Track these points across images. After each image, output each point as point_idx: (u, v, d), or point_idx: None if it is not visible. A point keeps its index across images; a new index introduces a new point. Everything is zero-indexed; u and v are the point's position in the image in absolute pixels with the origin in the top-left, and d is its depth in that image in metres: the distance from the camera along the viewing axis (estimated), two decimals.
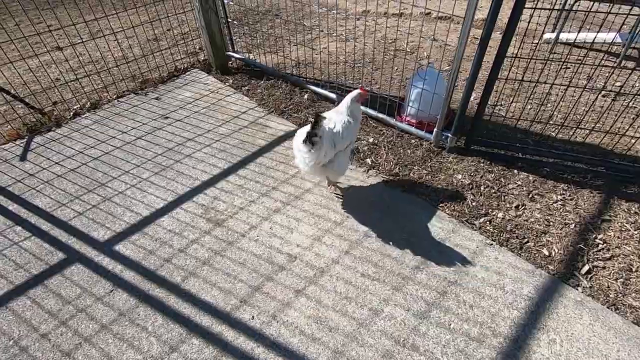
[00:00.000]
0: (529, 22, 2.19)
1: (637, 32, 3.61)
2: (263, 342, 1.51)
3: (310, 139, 1.71)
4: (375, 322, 1.56)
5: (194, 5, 3.13)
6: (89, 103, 3.01)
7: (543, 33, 3.83)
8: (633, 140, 2.38)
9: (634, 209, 2.04)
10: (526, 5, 1.82)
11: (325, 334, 1.53)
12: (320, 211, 2.07)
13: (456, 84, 3.14)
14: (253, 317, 1.60)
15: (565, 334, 1.51)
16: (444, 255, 1.82)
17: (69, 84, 3.07)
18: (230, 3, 3.39)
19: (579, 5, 3.69)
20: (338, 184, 2.22)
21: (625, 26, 3.97)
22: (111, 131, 2.73)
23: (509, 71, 2.61)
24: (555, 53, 3.79)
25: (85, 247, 1.92)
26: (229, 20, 3.34)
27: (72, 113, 2.92)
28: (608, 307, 1.61)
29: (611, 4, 3.42)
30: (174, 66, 3.47)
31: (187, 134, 2.67)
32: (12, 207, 2.15)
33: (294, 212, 2.07)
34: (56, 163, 2.45)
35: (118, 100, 3.08)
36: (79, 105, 2.99)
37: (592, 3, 3.16)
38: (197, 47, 3.83)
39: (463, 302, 1.63)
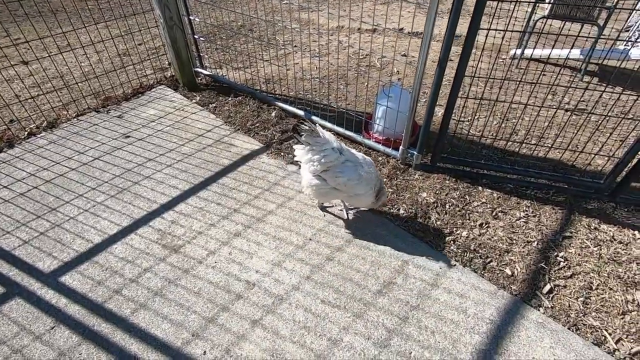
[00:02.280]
0: (502, 39, 2.22)
1: (595, 48, 3.76)
2: None
3: (297, 130, 1.77)
4: (333, 354, 1.49)
5: (158, 21, 3.07)
6: (45, 122, 2.88)
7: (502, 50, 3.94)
8: (593, 155, 2.43)
9: (593, 224, 2.06)
10: (482, 27, 1.84)
11: None
12: (282, 234, 2.00)
13: (421, 101, 3.17)
14: (205, 352, 1.50)
15: (524, 356, 1.48)
16: (407, 278, 1.78)
17: (28, 100, 2.94)
18: (196, 20, 3.34)
19: (544, 24, 3.83)
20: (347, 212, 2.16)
21: (586, 42, 4.13)
22: (67, 151, 2.60)
23: (468, 89, 2.64)
24: (520, 68, 3.91)
25: (28, 279, 1.78)
26: (196, 36, 3.28)
27: (26, 133, 2.78)
28: (569, 328, 1.59)
29: (571, 22, 3.58)
30: (139, 83, 3.38)
31: (148, 154, 2.58)
32: None
33: (255, 236, 1.99)
34: (4, 187, 2.31)
35: (78, 119, 2.95)
36: (34, 125, 2.86)
37: (553, 22, 3.26)
38: (167, 62, 3.75)
39: (425, 328, 1.58)
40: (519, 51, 4.04)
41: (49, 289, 1.74)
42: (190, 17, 3.17)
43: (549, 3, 3.77)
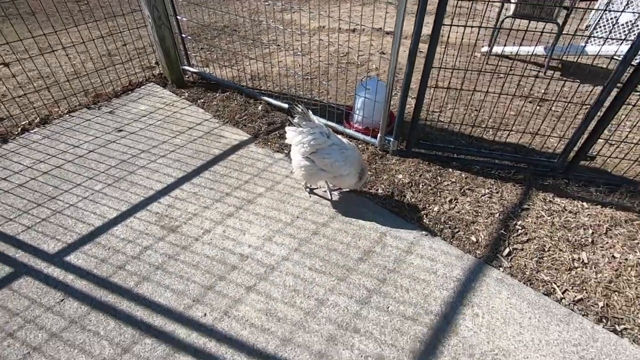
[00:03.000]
0: (478, 38, 2.47)
1: (556, 45, 4.10)
2: (215, 337, 1.59)
3: (291, 112, 1.97)
4: (320, 310, 1.69)
5: (147, 21, 3.20)
6: (38, 118, 2.98)
7: (476, 46, 4.23)
8: (551, 139, 2.71)
9: (548, 198, 2.33)
10: (445, 23, 2.08)
11: (274, 324, 1.64)
12: (271, 213, 2.19)
13: (395, 93, 3.40)
14: (205, 314, 1.68)
15: (486, 308, 1.71)
16: (385, 247, 1.99)
17: (16, 99, 3.03)
18: (183, 19, 3.48)
19: (512, 23, 4.13)
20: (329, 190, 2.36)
21: (548, 40, 4.46)
22: (62, 145, 2.71)
23: (436, 80, 2.89)
24: (491, 64, 4.20)
25: (35, 259, 1.91)
26: (184, 35, 3.43)
27: (19, 129, 2.87)
28: (524, 283, 1.84)
29: (537, 21, 3.89)
30: (128, 80, 3.50)
31: (142, 146, 2.72)
32: None
33: (247, 215, 2.17)
34: (2, 179, 2.41)
35: (70, 115, 3.06)
36: (27, 121, 2.95)
37: (520, 21, 3.56)
38: (154, 61, 3.87)
39: (400, 287, 1.80)
40: (491, 48, 4.35)
41: (56, 267, 1.88)
42: (178, 17, 3.32)
43: (513, 3, 4.08)
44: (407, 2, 2.04)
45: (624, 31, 4.57)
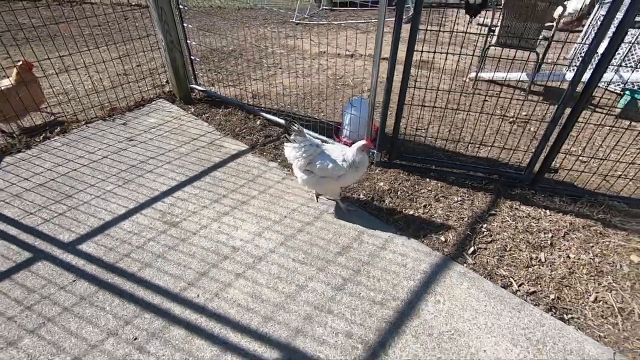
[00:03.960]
0: (467, 64, 2.78)
1: (538, 72, 4.43)
2: (205, 314, 1.81)
3: (288, 130, 2.22)
4: (300, 295, 1.91)
5: (160, 44, 3.58)
6: (58, 128, 3.31)
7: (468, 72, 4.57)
8: (520, 153, 2.96)
9: (515, 205, 2.56)
10: (417, 49, 2.39)
11: (258, 305, 1.86)
12: (262, 213, 2.44)
13: (379, 110, 3.70)
14: (198, 295, 1.90)
15: (448, 296, 1.92)
16: (362, 243, 2.22)
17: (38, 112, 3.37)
18: (193, 43, 3.87)
19: (495, 51, 4.48)
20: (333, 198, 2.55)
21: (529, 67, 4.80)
22: (79, 152, 3.02)
23: (411, 99, 3.19)
24: (476, 88, 4.52)
25: (51, 247, 2.17)
26: (192, 57, 3.81)
27: (42, 137, 3.20)
28: (484, 277, 2.05)
29: (516, 50, 4.24)
30: (140, 96, 3.86)
31: (150, 154, 3.01)
32: None
33: (240, 215, 2.42)
34: (25, 179, 2.70)
35: (87, 126, 3.39)
36: (48, 130, 3.28)
37: (502, 49, 3.92)
38: (164, 80, 4.24)
39: (372, 277, 2.01)
40: (479, 74, 4.68)
41: (69, 254, 2.13)
42: (188, 41, 3.70)
43: (494, 33, 4.45)
44: (382, 36, 2.36)
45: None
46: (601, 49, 2.21)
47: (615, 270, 2.12)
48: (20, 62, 3.08)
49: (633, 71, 4.42)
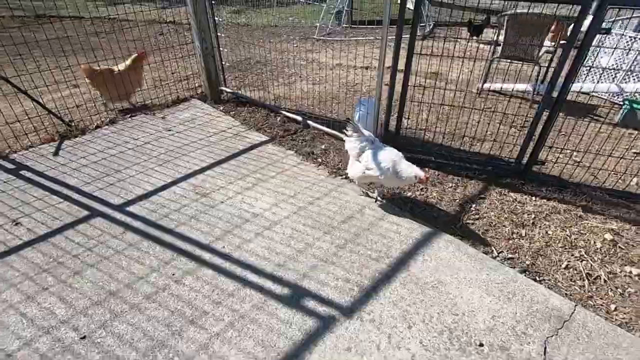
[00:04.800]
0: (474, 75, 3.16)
1: (540, 83, 4.73)
2: (229, 260, 2.20)
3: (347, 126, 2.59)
4: (308, 250, 2.27)
5: (196, 51, 4.12)
6: (108, 119, 3.85)
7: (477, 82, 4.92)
8: (513, 148, 3.26)
9: (504, 192, 2.86)
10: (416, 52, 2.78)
11: (272, 256, 2.23)
12: (279, 189, 2.83)
13: (388, 110, 4.08)
14: (224, 246, 2.29)
15: (434, 257, 2.23)
16: (363, 215, 2.58)
17: (89, 108, 3.93)
18: (224, 51, 4.40)
19: (498, 62, 4.82)
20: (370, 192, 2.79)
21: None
22: (125, 138, 3.53)
23: (411, 99, 3.56)
24: (482, 97, 4.84)
25: (105, 208, 2.62)
26: (223, 63, 4.33)
27: (94, 125, 3.74)
28: (469, 245, 2.35)
29: (520, 62, 4.56)
30: (177, 96, 4.39)
31: (184, 141, 3.49)
32: (48, 184, 2.86)
33: (260, 190, 2.83)
34: (82, 157, 3.21)
35: (131, 118, 3.92)
36: (100, 120, 3.82)
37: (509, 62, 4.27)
38: (197, 84, 4.78)
39: (370, 240, 2.36)
40: (486, 85, 5.01)
41: (119, 213, 2.57)
42: (220, 49, 4.23)
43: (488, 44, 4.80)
44: (385, 50, 2.77)
45: (605, 72, 5.16)
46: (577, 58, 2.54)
47: (589, 245, 2.38)
48: (137, 52, 4.01)
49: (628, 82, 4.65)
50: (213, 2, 3.94)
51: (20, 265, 2.15)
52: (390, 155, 2.45)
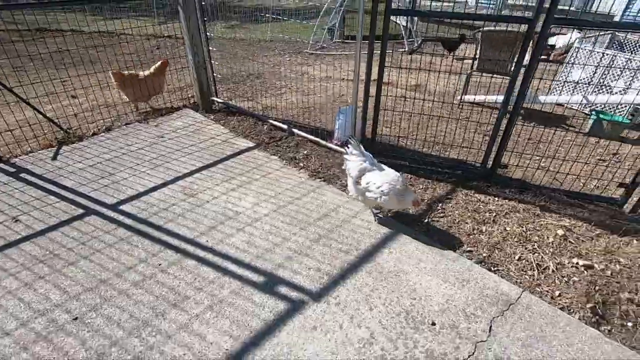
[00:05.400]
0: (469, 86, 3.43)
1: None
2: (212, 252, 2.40)
3: (347, 145, 2.70)
4: (284, 243, 2.48)
5: (189, 64, 4.39)
6: (104, 127, 4.08)
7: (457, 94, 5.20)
8: (480, 152, 3.51)
9: (469, 193, 3.09)
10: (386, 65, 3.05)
11: (251, 249, 2.43)
12: (262, 190, 3.06)
13: (363, 118, 4.33)
14: (207, 241, 2.50)
15: (399, 249, 2.45)
16: (338, 213, 2.80)
17: (86, 116, 4.16)
18: (215, 63, 4.67)
19: (478, 76, 5.12)
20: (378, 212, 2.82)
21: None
22: (120, 144, 3.75)
23: (384, 109, 3.82)
24: (461, 107, 5.13)
25: (99, 207, 2.82)
26: (214, 75, 4.60)
27: (91, 132, 3.96)
28: (434, 239, 2.57)
29: (494, 75, 4.86)
30: (171, 106, 4.64)
31: (176, 147, 3.72)
32: (47, 185, 3.06)
33: (244, 191, 3.05)
34: (79, 162, 3.42)
35: (126, 126, 4.15)
36: (97, 128, 4.05)
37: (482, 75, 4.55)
38: (190, 95, 5.04)
39: (342, 235, 2.57)
40: (464, 97, 5.30)
41: (112, 211, 2.78)
42: (212, 62, 4.51)
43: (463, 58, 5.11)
44: (359, 63, 3.04)
45: (575, 85, 5.47)
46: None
47: (542, 240, 2.61)
48: (162, 61, 4.48)
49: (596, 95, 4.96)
50: (205, 19, 4.22)
51: (19, 257, 2.35)
52: (389, 178, 2.51)
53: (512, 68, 5.11)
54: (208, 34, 4.35)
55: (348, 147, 2.70)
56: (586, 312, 2.09)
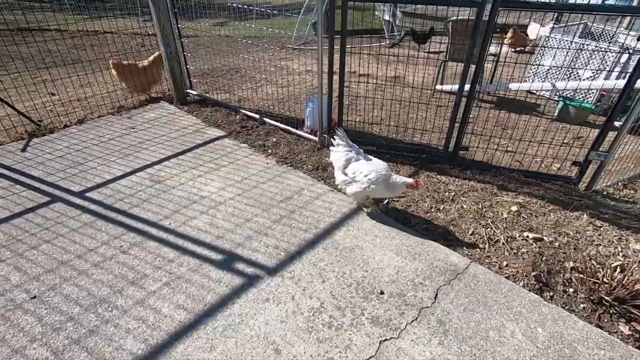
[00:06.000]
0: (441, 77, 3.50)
1: (485, 83, 5.13)
2: (173, 234, 2.45)
3: (333, 135, 2.68)
4: (246, 224, 2.55)
5: (162, 55, 4.42)
6: (76, 119, 4.09)
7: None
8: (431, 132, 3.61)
9: (431, 175, 3.18)
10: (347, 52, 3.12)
11: (213, 230, 2.49)
12: (228, 176, 3.11)
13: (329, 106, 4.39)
14: (170, 223, 2.55)
15: (357, 227, 2.53)
16: (301, 196, 2.87)
17: (59, 110, 4.18)
18: (188, 55, 4.70)
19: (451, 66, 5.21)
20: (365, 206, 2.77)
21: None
22: (91, 135, 3.78)
23: (350, 95, 3.90)
24: (435, 97, 5.22)
25: (65, 194, 2.86)
26: (187, 67, 4.64)
27: (63, 125, 3.98)
28: (393, 218, 2.65)
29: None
30: (145, 98, 4.66)
31: (147, 137, 3.75)
32: (14, 175, 3.08)
33: (211, 177, 3.10)
34: (48, 153, 3.44)
35: (99, 118, 4.17)
36: (68, 120, 4.06)
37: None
38: (167, 88, 5.06)
39: (304, 215, 2.64)
40: (438, 86, 5.40)
41: (78, 198, 2.81)
42: (185, 54, 4.54)
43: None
44: (322, 56, 3.11)
45: (551, 73, 5.61)
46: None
47: (496, 215, 2.71)
48: (160, 51, 4.41)
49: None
50: (175, 10, 4.25)
51: None
52: (375, 166, 2.49)
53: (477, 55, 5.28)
54: (180, 25, 4.38)
55: (334, 139, 2.66)
56: (530, 280, 2.20)
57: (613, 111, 2.75)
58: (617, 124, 3.16)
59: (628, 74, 2.67)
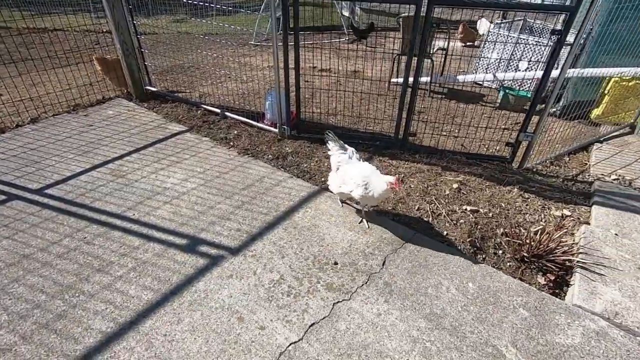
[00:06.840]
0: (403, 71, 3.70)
1: (435, 75, 5.49)
2: (138, 223, 2.54)
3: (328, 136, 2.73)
4: (209, 211, 2.68)
5: (117, 52, 4.39)
6: (29, 118, 4.00)
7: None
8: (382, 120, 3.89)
9: (383, 160, 3.45)
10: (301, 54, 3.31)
11: (177, 218, 2.61)
12: (191, 168, 3.21)
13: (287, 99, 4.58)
14: (134, 214, 2.63)
15: (315, 208, 2.74)
16: (262, 183, 3.03)
17: (9, 110, 4.06)
18: (146, 50, 4.69)
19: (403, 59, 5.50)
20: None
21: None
22: (46, 134, 3.72)
23: (312, 92, 4.10)
24: (391, 89, 5.52)
25: (22, 192, 2.84)
26: (146, 63, 4.63)
27: (15, 124, 3.87)
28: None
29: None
30: (102, 96, 4.61)
31: (106, 134, 3.75)
32: None
33: (174, 169, 3.19)
34: (1, 152, 3.37)
35: (54, 117, 4.09)
36: (20, 119, 3.96)
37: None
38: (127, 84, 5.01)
39: (264, 200, 2.81)
40: (393, 79, 5.70)
41: (37, 195, 2.81)
42: (142, 50, 4.53)
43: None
44: (277, 51, 3.27)
45: (494, 65, 6.08)
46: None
47: (439, 193, 3.01)
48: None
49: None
50: (130, 7, 4.24)
51: None
52: (362, 172, 2.42)
53: (432, 51, 5.66)
54: (135, 21, 4.37)
55: (328, 143, 2.69)
56: (466, 245, 2.50)
57: (534, 98, 3.14)
58: (552, 110, 3.57)
59: (545, 65, 3.05)
